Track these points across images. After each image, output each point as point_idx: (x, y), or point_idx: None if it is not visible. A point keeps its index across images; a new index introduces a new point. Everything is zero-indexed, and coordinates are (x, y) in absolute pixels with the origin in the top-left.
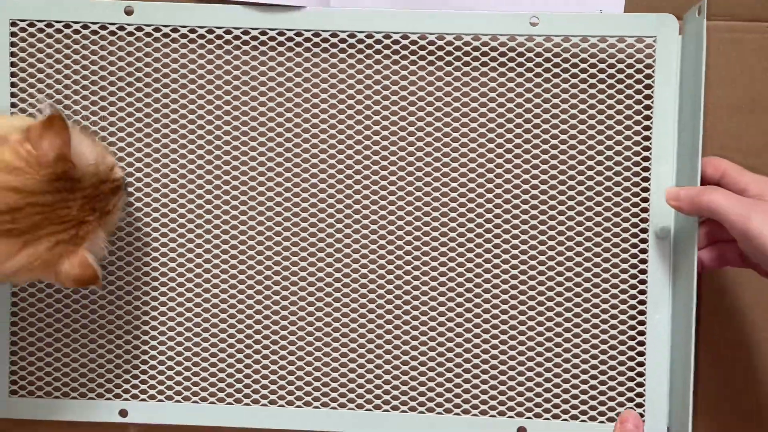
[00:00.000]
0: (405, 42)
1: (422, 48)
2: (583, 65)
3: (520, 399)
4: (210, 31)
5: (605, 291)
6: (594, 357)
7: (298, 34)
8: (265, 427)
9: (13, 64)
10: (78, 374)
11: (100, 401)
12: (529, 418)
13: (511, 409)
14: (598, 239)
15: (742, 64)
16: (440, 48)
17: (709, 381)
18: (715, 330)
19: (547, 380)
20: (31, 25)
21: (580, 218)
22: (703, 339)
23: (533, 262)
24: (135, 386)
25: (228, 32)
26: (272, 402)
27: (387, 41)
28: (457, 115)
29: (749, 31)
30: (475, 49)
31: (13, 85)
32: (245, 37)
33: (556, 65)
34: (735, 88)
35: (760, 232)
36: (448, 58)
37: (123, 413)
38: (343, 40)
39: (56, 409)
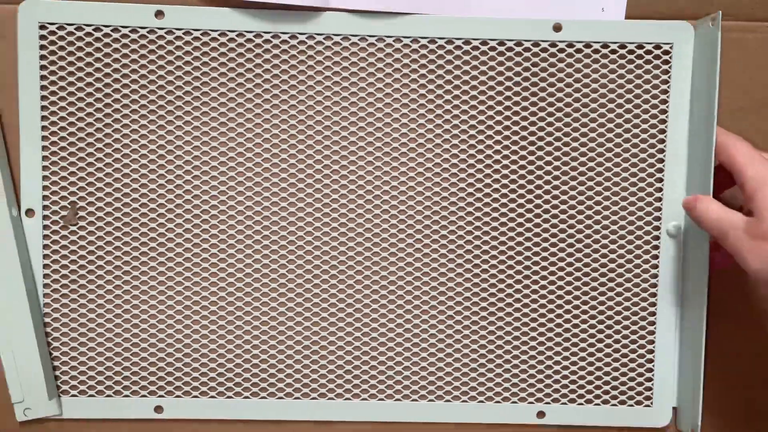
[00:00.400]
0: (432, 46)
1: (442, 49)
2: (603, 70)
3: (539, 386)
4: (240, 35)
5: (619, 285)
6: (608, 346)
7: (328, 38)
8: (302, 419)
9: (42, 67)
10: (113, 372)
11: (135, 398)
12: (548, 403)
13: (530, 395)
14: (614, 236)
15: (746, 64)
16: (453, 51)
17: (716, 378)
18: (724, 326)
19: (565, 368)
20: (61, 28)
21: (598, 216)
22: (712, 335)
23: (553, 259)
24: (170, 383)
25: (258, 35)
26: (305, 395)
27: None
28: (482, 118)
29: (751, 30)
30: (488, 51)
31: (42, 88)
32: (275, 41)
33: (570, 65)
34: (738, 89)
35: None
36: (458, 62)
37: (158, 409)
38: (371, 45)
39: (91, 407)
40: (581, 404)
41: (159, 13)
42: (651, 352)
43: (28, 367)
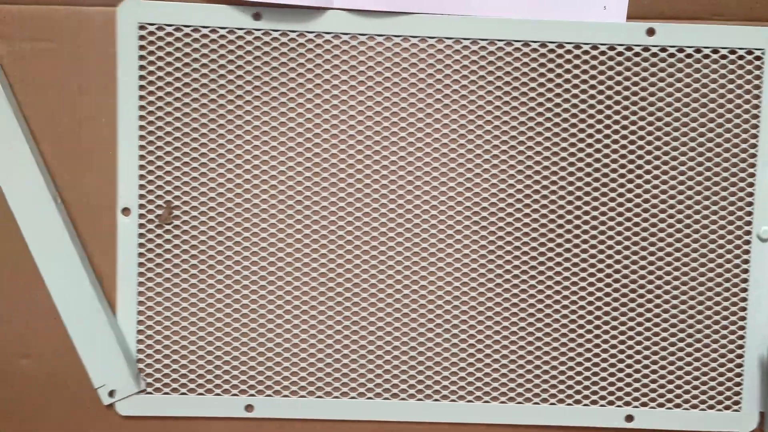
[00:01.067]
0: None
1: (518, 52)
2: (695, 74)
3: (627, 389)
4: (336, 37)
5: (709, 289)
6: (697, 350)
7: (405, 39)
8: (398, 420)
9: (140, 68)
10: (204, 371)
11: (227, 397)
12: (636, 407)
13: (619, 398)
14: (705, 240)
15: None
16: (543, 55)
17: None
18: None
19: (653, 372)
20: (160, 29)
21: (688, 221)
22: None
23: (643, 263)
24: (261, 382)
25: (354, 38)
26: (394, 396)
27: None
28: (574, 121)
29: None
30: (578, 56)
31: (141, 88)
32: (370, 43)
33: (662, 69)
34: None
35: None
36: (549, 65)
37: (249, 408)
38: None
39: (183, 404)
40: (669, 408)
41: (257, 15)
42: (740, 356)
43: (106, 348)
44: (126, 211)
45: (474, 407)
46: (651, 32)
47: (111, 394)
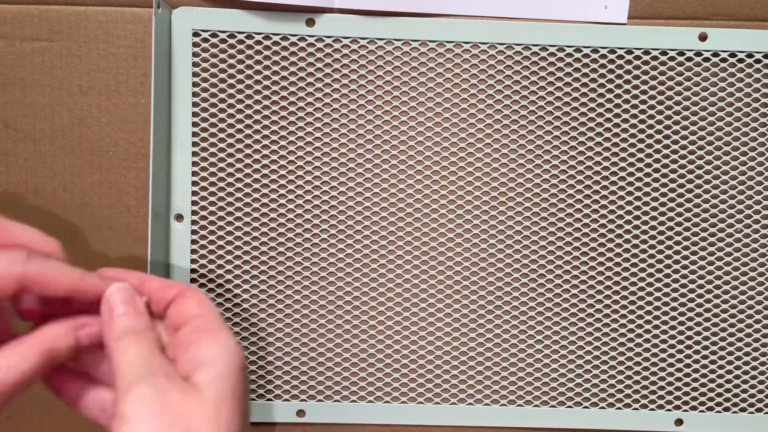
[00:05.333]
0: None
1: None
2: (747, 80)
3: (677, 393)
4: (389, 43)
5: (760, 294)
6: (746, 354)
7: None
8: (445, 424)
9: (194, 74)
10: (256, 376)
11: (278, 402)
12: (686, 410)
13: (669, 402)
14: (755, 245)
15: None
16: (589, 57)
17: None
18: None
19: (703, 375)
20: (214, 35)
21: (739, 225)
22: None
23: (693, 267)
24: (312, 387)
25: (407, 43)
26: (444, 400)
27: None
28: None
29: None
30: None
31: (194, 95)
32: (423, 49)
33: (714, 74)
34: None
35: None
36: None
37: (300, 413)
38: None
39: None
40: (719, 412)
41: (310, 21)
42: None
43: None
44: (179, 217)
45: (525, 411)
46: (703, 37)
47: None
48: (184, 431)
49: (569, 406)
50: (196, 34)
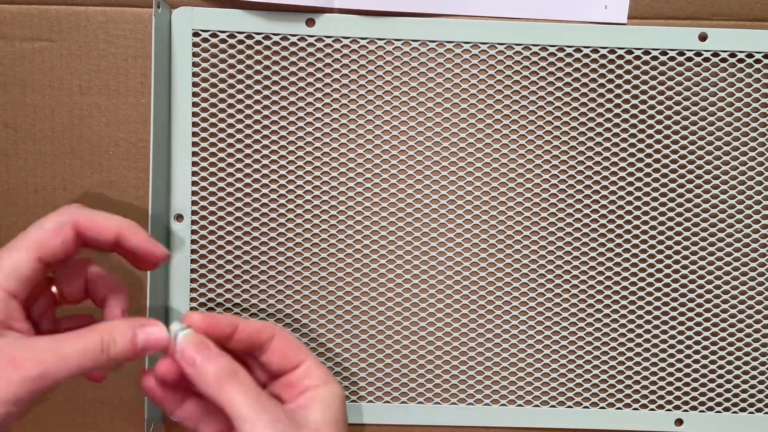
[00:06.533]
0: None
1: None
2: (747, 80)
3: (677, 393)
4: (389, 43)
5: (760, 294)
6: (746, 354)
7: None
8: (445, 424)
9: (194, 74)
10: None
11: None
12: (686, 410)
13: (669, 402)
14: (756, 245)
15: None
16: (593, 58)
17: None
18: None
19: (703, 375)
20: (214, 35)
21: (739, 225)
22: None
23: (693, 267)
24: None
25: (407, 43)
26: (444, 400)
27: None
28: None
29: None
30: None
31: (194, 94)
32: (423, 49)
33: (714, 74)
34: None
35: None
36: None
37: None
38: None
39: None
40: (719, 412)
41: (310, 21)
42: None
43: None
44: (179, 217)
45: (525, 411)
46: (703, 37)
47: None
48: None
49: (569, 406)
50: (196, 34)
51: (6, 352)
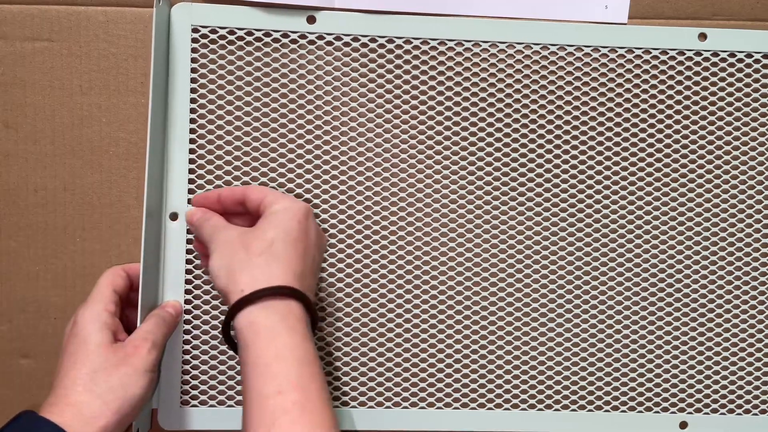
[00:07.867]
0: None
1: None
2: (746, 79)
3: (681, 395)
4: (389, 41)
5: (762, 293)
6: (750, 355)
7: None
8: (447, 429)
9: (193, 70)
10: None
11: None
12: (690, 413)
13: (673, 405)
14: (765, 249)
15: None
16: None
17: None
18: None
19: (707, 377)
20: (213, 32)
21: (749, 230)
22: None
23: (696, 267)
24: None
25: (408, 42)
26: (447, 405)
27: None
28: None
29: None
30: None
31: (192, 90)
32: (424, 48)
33: (714, 74)
34: None
35: None
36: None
37: None
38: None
39: (221, 417)
40: (723, 414)
41: (310, 18)
42: None
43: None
44: (174, 216)
45: (529, 415)
46: (703, 37)
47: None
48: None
49: (573, 410)
50: (195, 30)
51: (130, 346)
